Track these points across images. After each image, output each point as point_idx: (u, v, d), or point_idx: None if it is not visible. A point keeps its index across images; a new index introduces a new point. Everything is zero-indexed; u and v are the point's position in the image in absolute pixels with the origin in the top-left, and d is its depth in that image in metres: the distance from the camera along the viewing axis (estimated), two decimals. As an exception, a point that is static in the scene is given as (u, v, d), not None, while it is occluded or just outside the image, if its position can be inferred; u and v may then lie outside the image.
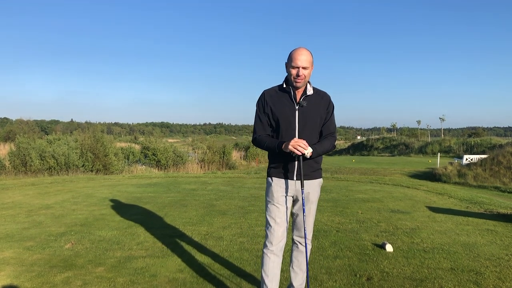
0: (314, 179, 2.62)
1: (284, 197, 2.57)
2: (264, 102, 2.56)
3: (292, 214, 2.70)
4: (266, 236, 2.57)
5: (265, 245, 2.57)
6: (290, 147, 2.38)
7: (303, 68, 2.42)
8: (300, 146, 2.36)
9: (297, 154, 2.40)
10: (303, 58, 2.41)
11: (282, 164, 2.56)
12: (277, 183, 2.57)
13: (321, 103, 2.56)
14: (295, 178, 2.55)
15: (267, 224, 2.56)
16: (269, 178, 2.62)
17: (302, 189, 2.51)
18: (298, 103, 2.51)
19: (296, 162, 2.52)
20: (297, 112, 2.50)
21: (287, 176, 2.56)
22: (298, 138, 2.48)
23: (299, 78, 2.43)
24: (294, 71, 2.43)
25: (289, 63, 2.46)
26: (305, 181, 2.57)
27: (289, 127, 2.49)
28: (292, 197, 2.63)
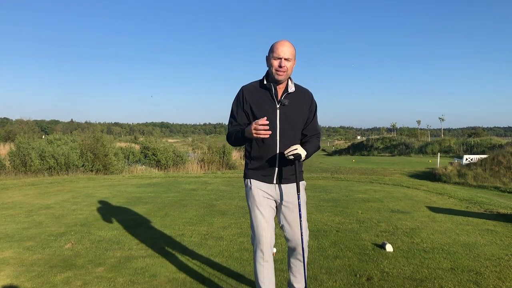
0: (293, 182, 2.45)
1: (267, 198, 2.42)
2: (243, 99, 2.40)
3: (278, 222, 2.53)
4: (255, 244, 2.41)
5: (255, 253, 2.40)
6: (254, 135, 2.19)
7: (286, 59, 2.29)
8: (261, 129, 2.16)
9: (292, 158, 2.25)
10: (286, 49, 2.29)
11: (260, 165, 2.42)
12: (257, 185, 2.42)
13: (304, 102, 2.42)
14: (274, 182, 2.42)
15: (253, 231, 2.40)
16: (247, 181, 2.46)
17: (298, 194, 2.38)
18: (279, 101, 2.36)
19: (277, 163, 2.38)
20: (278, 111, 2.36)
21: (265, 179, 2.42)
22: (280, 138, 2.35)
23: (281, 70, 2.29)
24: (276, 62, 2.30)
25: (271, 55, 2.33)
26: (286, 185, 2.44)
27: (269, 126, 2.25)
28: (275, 201, 2.47)
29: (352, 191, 7.92)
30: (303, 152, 2.29)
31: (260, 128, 2.17)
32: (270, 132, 2.23)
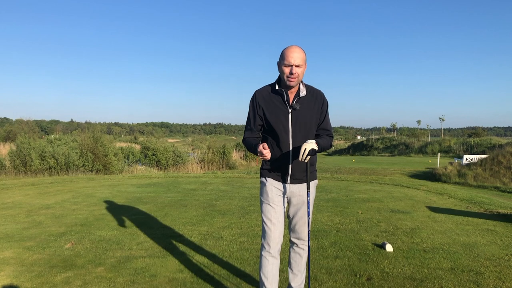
0: (305, 182, 2.57)
1: (279, 196, 2.53)
2: (256, 104, 2.49)
3: (288, 216, 2.67)
4: (263, 238, 2.52)
5: (262, 247, 2.52)
6: (260, 158, 2.40)
7: (296, 66, 2.32)
8: (264, 154, 2.35)
9: (309, 158, 2.32)
10: (296, 56, 2.31)
11: (274, 166, 2.52)
12: (272, 183, 2.53)
13: (315, 104, 2.48)
14: (289, 182, 2.52)
15: (264, 225, 2.51)
16: (263, 178, 2.57)
17: (308, 192, 2.48)
18: (291, 106, 2.42)
19: (290, 165, 2.48)
20: (290, 115, 2.43)
21: (280, 179, 2.52)
22: (292, 141, 2.45)
23: (292, 76, 2.33)
24: (287, 70, 2.34)
25: (282, 62, 2.37)
26: (298, 185, 2.53)
27: (282, 130, 2.43)
28: (287, 198, 2.58)
29: (352, 191, 7.92)
30: (312, 144, 2.31)
31: (264, 153, 2.34)
32: (269, 154, 2.38)
